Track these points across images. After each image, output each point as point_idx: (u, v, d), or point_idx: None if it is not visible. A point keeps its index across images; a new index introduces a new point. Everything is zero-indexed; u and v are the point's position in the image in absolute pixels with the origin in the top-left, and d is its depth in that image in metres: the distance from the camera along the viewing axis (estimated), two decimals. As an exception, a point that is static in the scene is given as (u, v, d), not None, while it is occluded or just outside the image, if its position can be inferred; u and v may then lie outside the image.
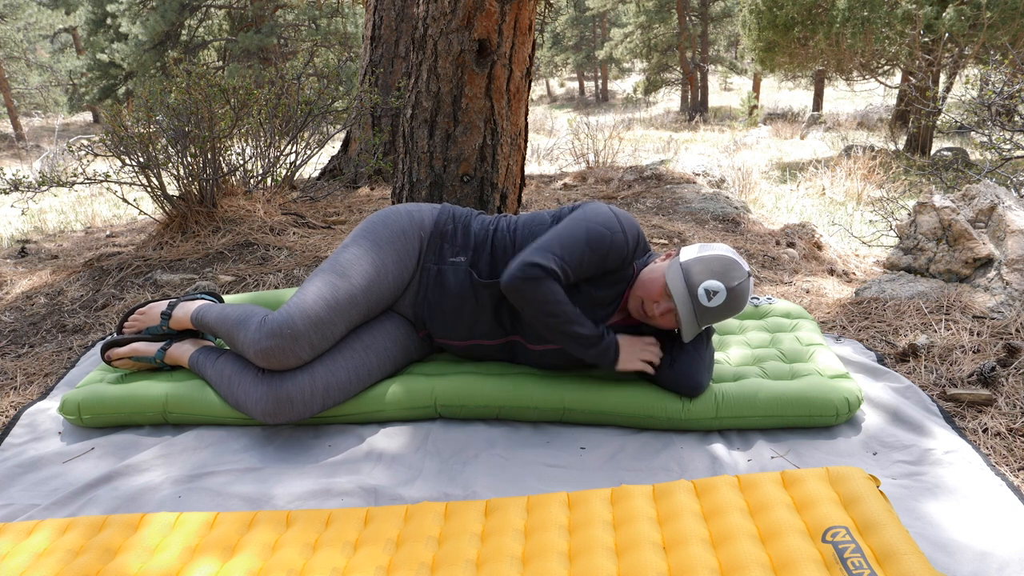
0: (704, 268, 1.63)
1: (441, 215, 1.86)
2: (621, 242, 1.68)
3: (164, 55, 15.89)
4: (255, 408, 1.67)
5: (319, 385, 1.67)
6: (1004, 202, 2.74)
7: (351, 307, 1.71)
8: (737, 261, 1.65)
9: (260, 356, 1.64)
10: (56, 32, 23.36)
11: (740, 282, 1.63)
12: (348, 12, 16.56)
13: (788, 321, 2.16)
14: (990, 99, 5.36)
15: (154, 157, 3.32)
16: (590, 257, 1.65)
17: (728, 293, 1.61)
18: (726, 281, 1.61)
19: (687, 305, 1.62)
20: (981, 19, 9.49)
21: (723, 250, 1.67)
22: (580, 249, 1.64)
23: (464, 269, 1.77)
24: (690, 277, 1.62)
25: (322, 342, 1.68)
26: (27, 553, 1.30)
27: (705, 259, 1.64)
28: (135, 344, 1.91)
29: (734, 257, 1.66)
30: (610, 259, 1.68)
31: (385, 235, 1.79)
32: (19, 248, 4.23)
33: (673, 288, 1.61)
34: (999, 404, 1.77)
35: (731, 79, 31.99)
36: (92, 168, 3.50)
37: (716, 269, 1.62)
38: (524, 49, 2.55)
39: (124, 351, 1.89)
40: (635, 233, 1.71)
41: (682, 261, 1.65)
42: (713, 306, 1.61)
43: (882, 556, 1.13)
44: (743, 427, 1.72)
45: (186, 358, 1.87)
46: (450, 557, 1.23)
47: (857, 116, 17.06)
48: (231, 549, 1.29)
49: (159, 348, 1.90)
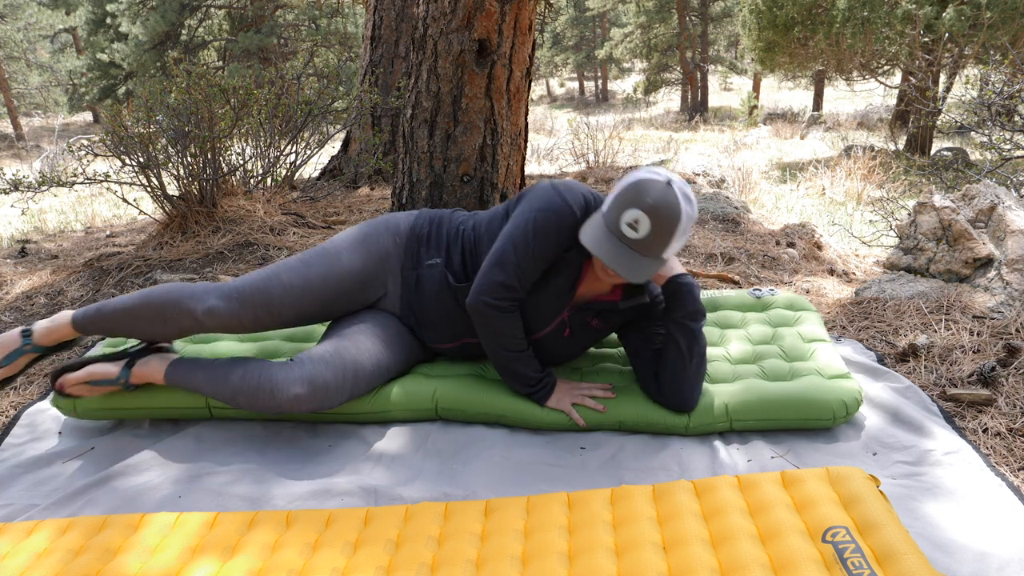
0: (617, 204, 1.53)
1: (418, 220, 1.84)
2: (568, 214, 1.61)
3: (164, 55, 15.89)
4: (285, 392, 1.57)
5: (350, 371, 1.66)
6: (1004, 202, 2.74)
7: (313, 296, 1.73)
8: (648, 179, 1.52)
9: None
10: (56, 32, 23.35)
11: (655, 197, 1.49)
12: (348, 12, 16.56)
13: (791, 313, 2.12)
14: (990, 99, 5.36)
15: (154, 157, 3.32)
16: (542, 247, 1.61)
17: (649, 213, 1.49)
18: (640, 204, 1.49)
19: (612, 252, 1.52)
20: (981, 19, 9.48)
21: (634, 176, 1.55)
22: (530, 244, 1.60)
23: (440, 271, 1.75)
24: (610, 220, 1.53)
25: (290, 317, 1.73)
26: (27, 553, 1.30)
27: (616, 196, 1.54)
28: (91, 367, 1.72)
29: (644, 176, 1.53)
30: (563, 236, 1.62)
31: (356, 235, 1.81)
32: (19, 248, 4.23)
33: (586, 242, 1.54)
34: (999, 404, 1.77)
35: (731, 79, 31.99)
36: (92, 168, 3.50)
37: (629, 197, 1.51)
38: (524, 49, 2.55)
39: (80, 375, 1.70)
40: (579, 200, 1.63)
41: (602, 211, 1.58)
42: (643, 236, 1.50)
43: (882, 556, 1.13)
44: (740, 429, 1.71)
45: (160, 373, 1.71)
46: (450, 557, 1.23)
47: (857, 116, 17.06)
48: (231, 549, 1.29)
49: (122, 367, 1.73)
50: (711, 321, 2.13)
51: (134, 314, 1.70)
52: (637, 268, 1.54)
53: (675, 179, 1.53)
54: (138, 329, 1.72)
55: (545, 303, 1.71)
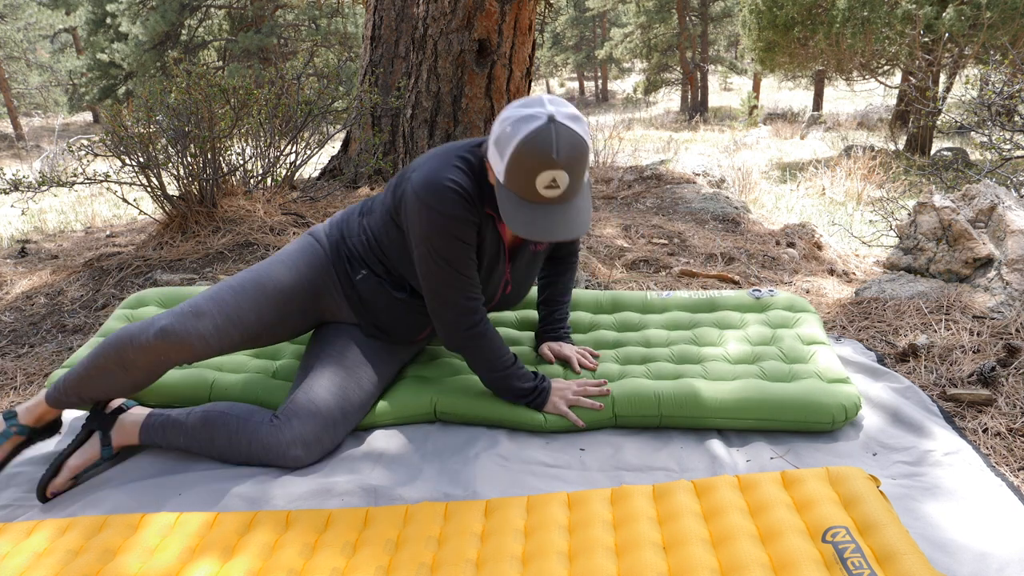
0: (519, 171, 1.40)
1: (330, 231, 1.78)
2: (457, 220, 1.52)
3: (164, 55, 15.89)
4: (283, 456, 1.55)
5: (337, 413, 1.62)
6: (1004, 202, 2.74)
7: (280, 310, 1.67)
8: (532, 130, 1.38)
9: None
10: (56, 32, 23.36)
11: (557, 146, 1.37)
12: (348, 12, 16.56)
13: (791, 315, 2.12)
14: (990, 99, 5.36)
15: (154, 157, 3.32)
16: (459, 260, 1.56)
17: (564, 167, 1.38)
18: (547, 164, 1.37)
19: (545, 222, 1.43)
20: (981, 19, 9.48)
21: (512, 131, 1.40)
22: (450, 267, 1.56)
23: (375, 281, 1.72)
24: (522, 191, 1.43)
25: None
26: (27, 553, 1.30)
27: (509, 162, 1.41)
28: (69, 463, 1.57)
29: (525, 128, 1.38)
30: (468, 237, 1.56)
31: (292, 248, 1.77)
32: (19, 248, 4.23)
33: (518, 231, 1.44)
34: (999, 404, 1.77)
35: (731, 79, 31.99)
36: (92, 168, 3.50)
37: (528, 160, 1.38)
38: (524, 49, 2.55)
39: (64, 477, 1.56)
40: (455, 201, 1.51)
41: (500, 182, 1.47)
42: (565, 187, 1.41)
43: (882, 556, 1.13)
44: (739, 428, 1.72)
45: (136, 434, 1.63)
46: (450, 557, 1.23)
47: (857, 116, 17.06)
48: (231, 549, 1.29)
49: (100, 447, 1.61)
50: (710, 321, 2.13)
51: (95, 371, 1.57)
52: (576, 219, 1.46)
53: (553, 111, 1.39)
54: (107, 386, 1.59)
55: (490, 278, 1.72)
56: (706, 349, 1.98)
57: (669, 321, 2.14)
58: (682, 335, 2.06)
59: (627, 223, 3.92)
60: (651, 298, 2.21)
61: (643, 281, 2.89)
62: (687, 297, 2.22)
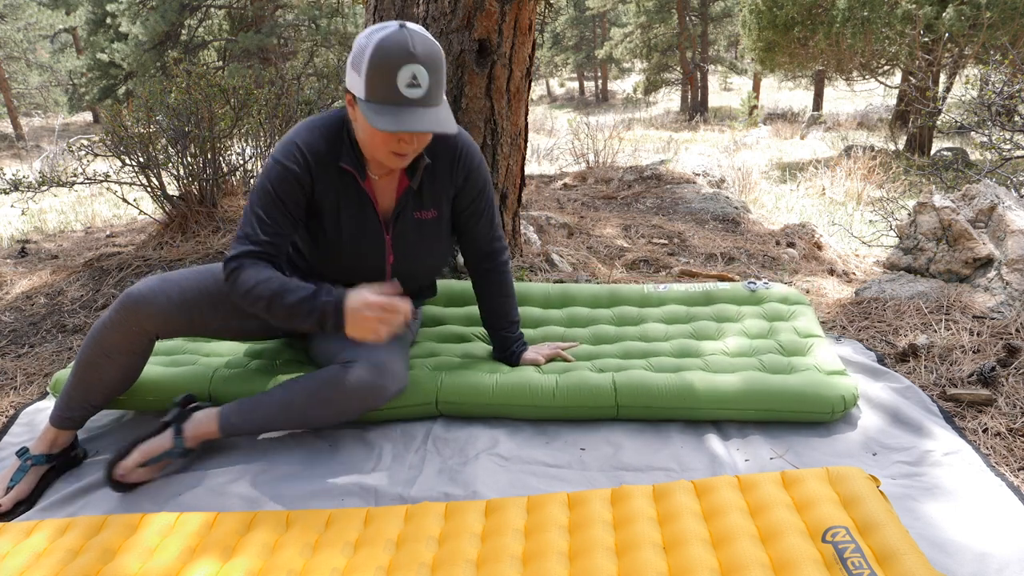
0: (378, 74, 1.39)
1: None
2: (286, 163, 1.54)
3: (164, 55, 15.88)
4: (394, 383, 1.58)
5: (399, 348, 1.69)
6: (1004, 202, 2.74)
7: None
8: (385, 36, 1.39)
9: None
10: (56, 32, 23.36)
11: (414, 44, 1.38)
12: (348, 12, 16.56)
13: (786, 308, 2.13)
14: (990, 99, 5.36)
15: (154, 157, 3.32)
16: (265, 201, 1.54)
17: (422, 62, 1.39)
18: (406, 59, 1.38)
19: (411, 120, 1.40)
20: (981, 19, 9.48)
21: (366, 44, 1.41)
22: (261, 200, 1.54)
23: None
24: (385, 93, 1.40)
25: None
26: (27, 553, 1.30)
27: (368, 69, 1.39)
28: (142, 447, 1.55)
29: (378, 36, 1.40)
30: (300, 170, 1.55)
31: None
32: (19, 248, 4.23)
33: (382, 127, 1.39)
34: (999, 404, 1.77)
35: (731, 79, 31.98)
36: (92, 168, 3.50)
37: (385, 60, 1.38)
38: (524, 49, 2.55)
39: (134, 459, 1.54)
40: (288, 148, 1.55)
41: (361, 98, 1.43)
42: (426, 87, 1.41)
43: (882, 556, 1.13)
44: (738, 419, 1.72)
45: (214, 426, 1.61)
46: (450, 557, 1.23)
47: (857, 116, 17.06)
48: (231, 549, 1.29)
49: (173, 436, 1.59)
50: (707, 315, 2.15)
51: (83, 370, 1.58)
52: (443, 119, 1.45)
53: (401, 23, 1.42)
54: (100, 383, 1.60)
55: (364, 247, 1.66)
56: (705, 343, 2.00)
57: (667, 315, 2.16)
58: (681, 329, 2.08)
59: (627, 223, 3.92)
60: (648, 292, 2.23)
61: (643, 281, 2.90)
62: (684, 290, 2.23)
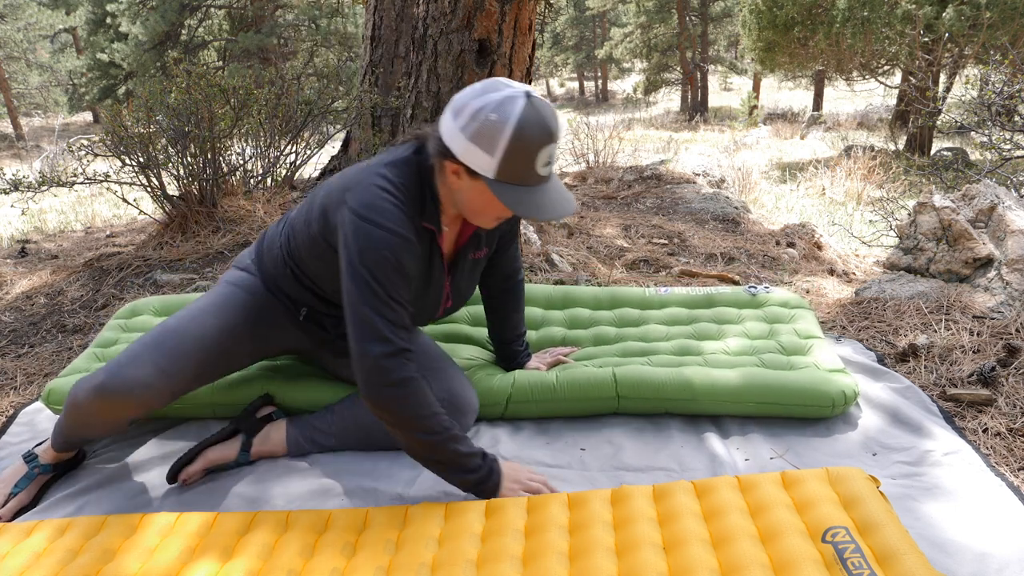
0: (518, 155, 1.28)
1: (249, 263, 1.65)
2: (393, 237, 1.33)
3: (164, 55, 15.88)
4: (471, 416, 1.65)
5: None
6: (1004, 202, 2.74)
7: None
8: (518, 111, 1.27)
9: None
10: (56, 32, 23.37)
11: (549, 120, 1.29)
12: (348, 12, 16.56)
13: (786, 311, 2.14)
14: (990, 99, 5.36)
15: (154, 157, 3.32)
16: (393, 286, 1.33)
17: (556, 140, 1.32)
18: (547, 138, 1.30)
19: (551, 202, 1.33)
20: (981, 19, 9.48)
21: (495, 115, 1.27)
22: (382, 289, 1.32)
23: (325, 316, 1.63)
24: (524, 175, 1.31)
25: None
26: (26, 553, 1.30)
27: (507, 149, 1.27)
28: (207, 454, 1.56)
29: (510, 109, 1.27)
30: (406, 260, 1.35)
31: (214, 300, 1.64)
32: (19, 248, 4.23)
33: (534, 216, 1.31)
34: (999, 404, 1.77)
35: (731, 79, 31.98)
36: (92, 168, 3.50)
37: (526, 140, 1.28)
38: (524, 49, 2.55)
39: (199, 466, 1.55)
40: (394, 215, 1.34)
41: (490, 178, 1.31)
42: (554, 163, 1.34)
43: (882, 556, 1.13)
44: (739, 413, 1.73)
45: (282, 441, 1.60)
46: (450, 557, 1.23)
47: (857, 116, 17.06)
48: (231, 550, 1.29)
49: (239, 449, 1.59)
50: (708, 317, 2.15)
51: (72, 422, 1.49)
52: (564, 191, 1.38)
53: (518, 87, 1.31)
54: (93, 432, 1.53)
55: (430, 295, 1.56)
56: (706, 343, 2.01)
57: (668, 317, 2.16)
58: (681, 330, 2.09)
59: (627, 223, 3.92)
60: (649, 294, 2.23)
61: (643, 281, 2.89)
62: (685, 293, 2.24)
